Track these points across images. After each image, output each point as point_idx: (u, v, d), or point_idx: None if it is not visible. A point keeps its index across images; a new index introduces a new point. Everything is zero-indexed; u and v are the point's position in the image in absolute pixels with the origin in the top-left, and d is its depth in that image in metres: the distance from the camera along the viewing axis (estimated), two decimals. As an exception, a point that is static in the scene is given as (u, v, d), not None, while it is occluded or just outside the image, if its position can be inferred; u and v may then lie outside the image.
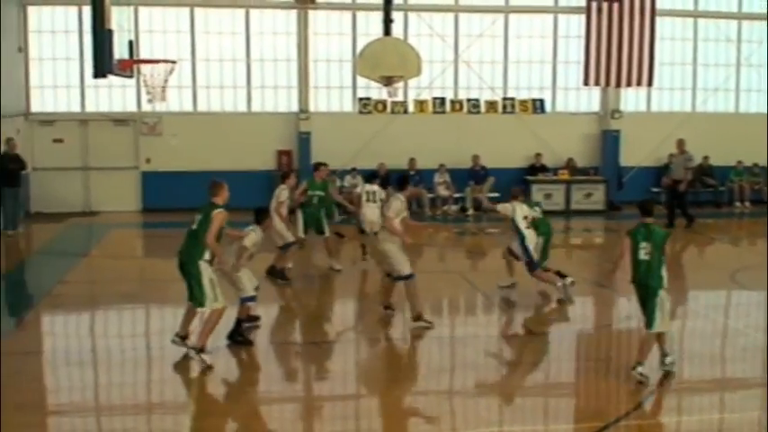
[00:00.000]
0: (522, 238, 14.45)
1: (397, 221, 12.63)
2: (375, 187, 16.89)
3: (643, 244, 10.38)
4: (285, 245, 15.85)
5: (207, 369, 10.76)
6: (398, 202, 12.74)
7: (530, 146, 25.80)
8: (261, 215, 12.68)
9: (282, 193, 15.85)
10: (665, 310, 10.30)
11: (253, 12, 25.09)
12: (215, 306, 10.91)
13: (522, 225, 14.43)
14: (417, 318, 12.77)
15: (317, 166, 17.49)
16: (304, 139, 24.98)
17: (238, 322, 11.98)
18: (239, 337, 11.87)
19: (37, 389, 10.53)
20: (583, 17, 25.19)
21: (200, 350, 10.85)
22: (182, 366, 11.13)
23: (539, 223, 14.75)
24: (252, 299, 12.06)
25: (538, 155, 25.79)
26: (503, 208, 14.79)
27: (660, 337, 10.44)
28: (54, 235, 21.60)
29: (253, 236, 12.09)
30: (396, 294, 13.28)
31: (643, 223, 10.63)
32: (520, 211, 14.49)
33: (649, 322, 10.32)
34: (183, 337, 11.42)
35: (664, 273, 10.31)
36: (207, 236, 10.80)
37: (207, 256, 10.91)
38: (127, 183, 24.70)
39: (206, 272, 10.87)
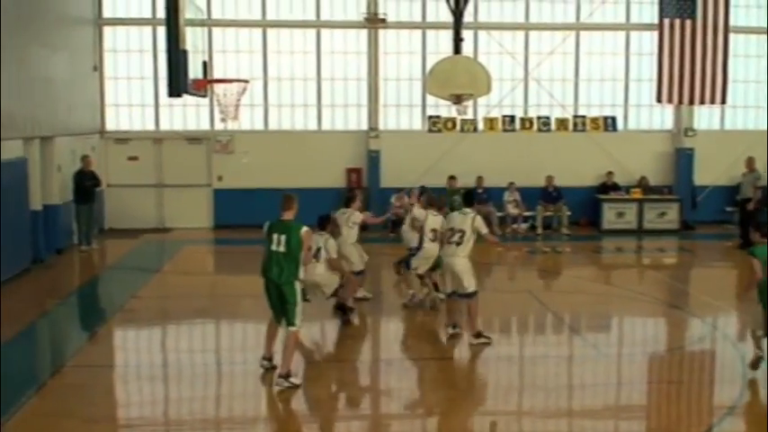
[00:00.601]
0: (420, 245, 14.48)
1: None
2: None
3: None
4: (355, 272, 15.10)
5: (294, 388, 10.74)
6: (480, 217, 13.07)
7: (601, 164, 25.52)
8: (324, 222, 13.62)
9: (355, 215, 15.13)
10: None
11: (324, 31, 25.28)
12: (300, 327, 10.97)
13: (428, 236, 14.34)
14: (478, 335, 12.78)
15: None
16: (373, 158, 25.07)
17: (342, 307, 13.92)
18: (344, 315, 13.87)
19: (108, 402, 10.71)
20: (655, 34, 24.89)
21: (287, 376, 10.75)
22: (251, 382, 11.22)
23: None
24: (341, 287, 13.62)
25: (609, 173, 25.49)
26: (418, 213, 14.85)
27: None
28: (127, 250, 21.94)
29: (332, 242, 13.37)
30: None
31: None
32: (431, 222, 14.39)
33: None
34: (270, 359, 11.44)
35: None
36: (304, 258, 10.98)
37: (301, 275, 10.98)
38: (199, 200, 25.02)
39: (299, 293, 10.93)
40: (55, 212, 20.11)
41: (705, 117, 26.46)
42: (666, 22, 24.53)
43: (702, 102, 24.97)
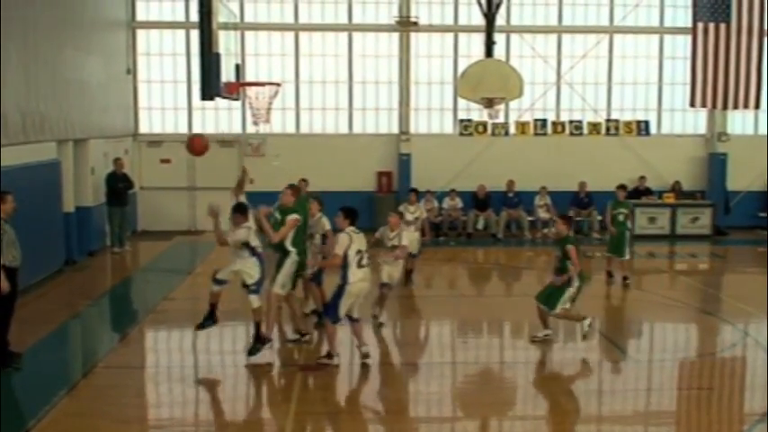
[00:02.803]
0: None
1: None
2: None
3: None
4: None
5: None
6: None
7: (634, 168, 25.38)
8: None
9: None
10: None
11: (355, 34, 25.35)
12: None
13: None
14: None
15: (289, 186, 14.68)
16: (404, 161, 25.09)
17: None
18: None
19: (138, 403, 10.79)
20: (689, 38, 24.76)
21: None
22: (281, 384, 11.25)
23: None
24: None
25: (642, 178, 25.35)
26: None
27: None
28: (159, 252, 22.09)
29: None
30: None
31: None
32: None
33: None
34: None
35: None
36: None
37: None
38: (231, 202, 25.06)
39: None
40: (88, 214, 20.28)
41: (739, 121, 26.27)
42: (700, 25, 24.40)
43: (736, 106, 24.79)
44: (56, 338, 13.62)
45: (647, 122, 25.01)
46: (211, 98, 16.62)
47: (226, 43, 16.99)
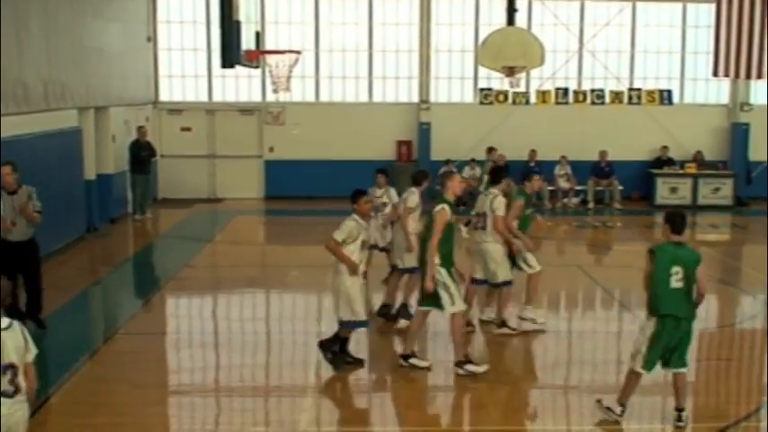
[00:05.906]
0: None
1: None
2: None
3: None
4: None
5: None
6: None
7: (656, 138, 25.24)
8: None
9: (412, 198, 12.25)
10: None
11: (376, 2, 25.21)
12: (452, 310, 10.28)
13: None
14: (502, 324, 12.07)
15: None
16: (424, 130, 25.02)
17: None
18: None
19: (159, 369, 10.89)
20: (712, 6, 24.46)
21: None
22: (300, 351, 11.31)
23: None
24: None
25: (664, 147, 25.21)
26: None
27: None
28: (180, 220, 22.19)
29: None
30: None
31: None
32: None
33: None
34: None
35: None
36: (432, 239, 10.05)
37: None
38: (251, 171, 25.16)
39: (444, 276, 10.14)
40: (109, 182, 20.38)
41: (762, 92, 25.98)
42: (725, -7, 24.07)
43: (759, 76, 24.47)
44: (77, 305, 13.75)
45: (669, 92, 24.76)
46: (231, 66, 16.58)
47: (246, 11, 16.95)
